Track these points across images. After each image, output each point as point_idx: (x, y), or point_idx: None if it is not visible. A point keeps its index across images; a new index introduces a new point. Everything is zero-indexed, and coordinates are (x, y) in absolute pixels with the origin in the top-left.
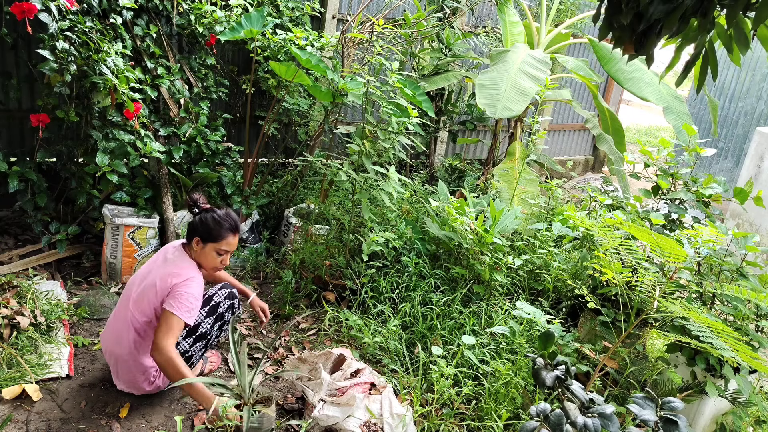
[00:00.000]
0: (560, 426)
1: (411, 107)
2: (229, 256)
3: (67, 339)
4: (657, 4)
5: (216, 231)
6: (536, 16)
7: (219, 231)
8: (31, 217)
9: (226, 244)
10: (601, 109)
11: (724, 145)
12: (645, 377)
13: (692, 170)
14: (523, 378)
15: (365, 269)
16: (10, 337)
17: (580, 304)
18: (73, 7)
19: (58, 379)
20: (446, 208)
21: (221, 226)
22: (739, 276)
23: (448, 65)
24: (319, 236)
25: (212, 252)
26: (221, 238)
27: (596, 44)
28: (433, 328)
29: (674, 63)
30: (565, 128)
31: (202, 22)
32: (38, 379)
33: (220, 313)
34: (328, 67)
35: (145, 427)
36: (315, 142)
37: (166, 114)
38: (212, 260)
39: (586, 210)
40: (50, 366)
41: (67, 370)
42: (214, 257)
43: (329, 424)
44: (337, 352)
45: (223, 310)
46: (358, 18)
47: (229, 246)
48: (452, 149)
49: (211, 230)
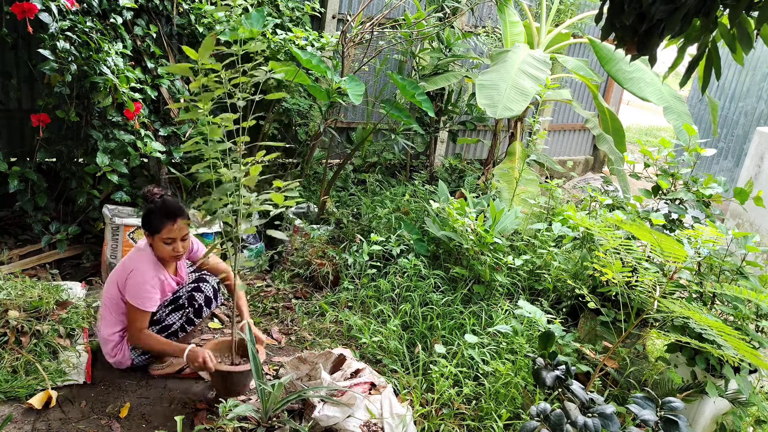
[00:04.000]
0: (560, 426)
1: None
2: (180, 243)
3: (86, 346)
4: (659, 5)
5: (155, 222)
6: (536, 16)
7: (157, 222)
8: (31, 217)
9: (167, 232)
10: (601, 109)
11: (724, 145)
12: (645, 377)
13: (692, 170)
14: (524, 378)
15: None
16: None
17: (580, 304)
18: (73, 7)
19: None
20: (447, 208)
21: (158, 217)
22: (739, 276)
23: (448, 65)
24: (320, 236)
25: (159, 243)
26: (161, 228)
27: (596, 44)
28: (433, 328)
29: (677, 63)
30: (566, 128)
31: (202, 22)
32: (54, 386)
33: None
34: (329, 68)
35: (145, 427)
36: (315, 142)
37: (166, 114)
38: (164, 251)
39: (586, 210)
40: (68, 373)
41: (85, 378)
42: (163, 248)
43: (329, 425)
44: (337, 352)
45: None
46: (358, 18)
47: (171, 233)
48: (452, 149)
49: (151, 223)
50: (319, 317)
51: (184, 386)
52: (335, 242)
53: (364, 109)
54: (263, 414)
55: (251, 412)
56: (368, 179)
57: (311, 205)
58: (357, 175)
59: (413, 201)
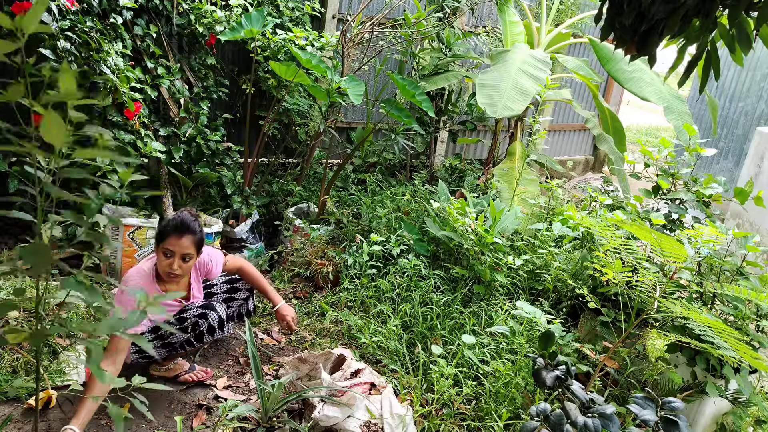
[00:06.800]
0: (560, 426)
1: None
2: (178, 260)
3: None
4: (659, 5)
5: (163, 231)
6: (536, 16)
7: (165, 232)
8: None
9: (169, 244)
10: (601, 109)
11: (724, 145)
12: (645, 377)
13: (692, 170)
14: (524, 378)
15: (365, 269)
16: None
17: (581, 304)
18: (73, 6)
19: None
20: (447, 208)
21: (167, 227)
22: (740, 276)
23: (448, 65)
24: (320, 236)
25: (160, 254)
26: (166, 237)
27: (596, 44)
28: (433, 328)
29: (677, 64)
30: (566, 128)
31: (202, 22)
32: (54, 386)
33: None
34: (329, 67)
35: (145, 427)
36: (315, 143)
37: (166, 114)
38: (161, 263)
39: (586, 210)
40: (68, 373)
41: (85, 377)
42: (162, 259)
43: (329, 425)
44: (337, 352)
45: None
46: (358, 18)
47: (172, 246)
48: (452, 149)
49: (160, 232)
50: (319, 317)
51: (184, 386)
52: (335, 242)
53: (364, 109)
54: (263, 414)
55: (251, 412)
56: (368, 179)
57: (311, 205)
58: (357, 175)
59: (413, 201)
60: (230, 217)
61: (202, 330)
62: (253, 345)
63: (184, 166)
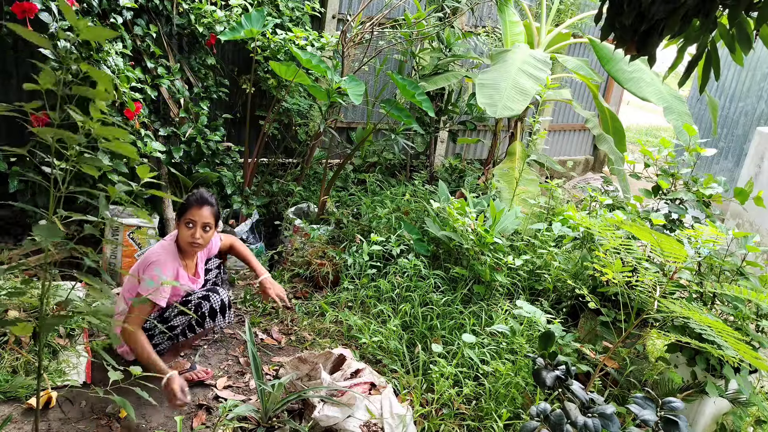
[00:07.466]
0: (560, 426)
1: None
2: (199, 230)
3: (86, 346)
4: (659, 5)
5: (184, 204)
6: (536, 16)
7: (186, 204)
8: (31, 218)
9: (191, 215)
10: (601, 109)
11: (724, 145)
12: (645, 377)
13: (692, 170)
14: (524, 378)
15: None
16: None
17: (581, 304)
18: (73, 6)
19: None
20: (447, 208)
21: (188, 201)
22: (740, 276)
23: (448, 65)
24: (320, 236)
25: (182, 226)
26: (187, 209)
27: (596, 44)
28: (433, 328)
29: (677, 64)
30: (566, 128)
31: (202, 22)
32: (54, 386)
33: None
34: (329, 67)
35: (145, 427)
36: (315, 143)
37: (166, 114)
38: (184, 233)
39: (586, 210)
40: (68, 373)
41: (85, 378)
42: (184, 230)
43: (329, 425)
44: (337, 352)
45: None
46: (358, 18)
47: (194, 216)
48: (452, 149)
49: (182, 206)
50: (319, 317)
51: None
52: (335, 242)
53: (364, 109)
54: (263, 414)
55: (251, 412)
56: (368, 179)
57: (311, 205)
58: (357, 175)
59: (413, 201)
60: (230, 217)
61: (203, 312)
62: (253, 345)
63: (184, 166)
